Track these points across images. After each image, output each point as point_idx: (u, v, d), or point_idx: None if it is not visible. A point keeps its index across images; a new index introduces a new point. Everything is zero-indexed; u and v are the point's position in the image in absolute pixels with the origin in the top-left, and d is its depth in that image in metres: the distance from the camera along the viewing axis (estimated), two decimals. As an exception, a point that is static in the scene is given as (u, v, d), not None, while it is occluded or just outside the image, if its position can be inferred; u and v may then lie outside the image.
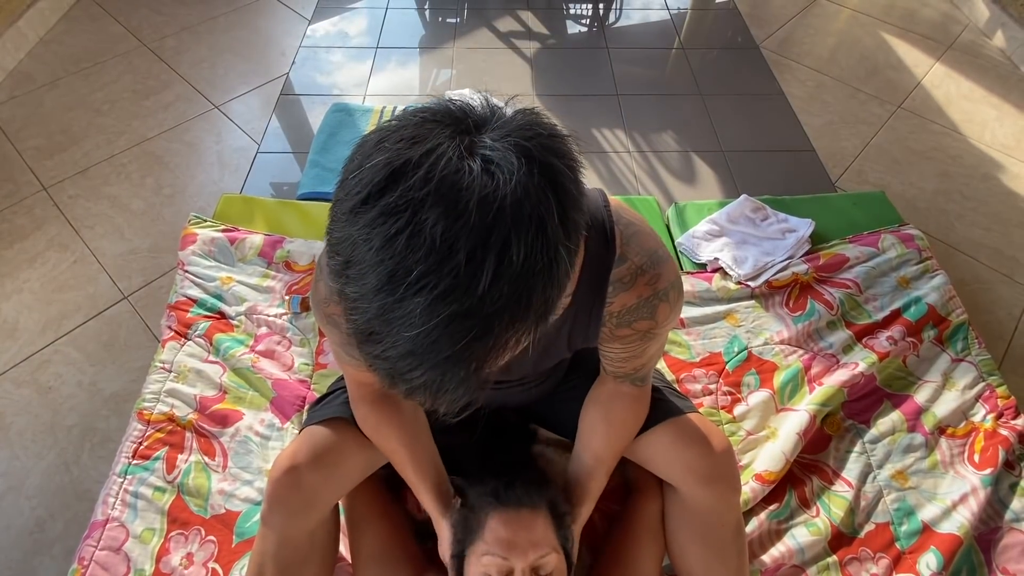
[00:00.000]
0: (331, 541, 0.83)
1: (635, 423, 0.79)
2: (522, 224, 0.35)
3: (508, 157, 0.36)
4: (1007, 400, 1.10)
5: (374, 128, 0.41)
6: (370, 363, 0.40)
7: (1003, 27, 2.12)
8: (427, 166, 0.35)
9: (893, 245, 1.33)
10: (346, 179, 0.38)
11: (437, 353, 0.36)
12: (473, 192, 0.34)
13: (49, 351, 1.24)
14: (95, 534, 0.92)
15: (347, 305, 0.38)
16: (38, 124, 1.72)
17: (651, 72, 2.02)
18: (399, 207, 0.34)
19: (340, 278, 0.38)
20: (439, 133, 0.37)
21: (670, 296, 0.64)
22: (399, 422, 0.77)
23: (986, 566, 0.94)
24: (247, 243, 1.31)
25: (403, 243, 0.34)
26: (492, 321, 0.36)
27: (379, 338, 0.37)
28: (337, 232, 0.38)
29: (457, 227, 0.34)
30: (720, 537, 0.80)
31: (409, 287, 0.34)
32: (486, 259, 0.34)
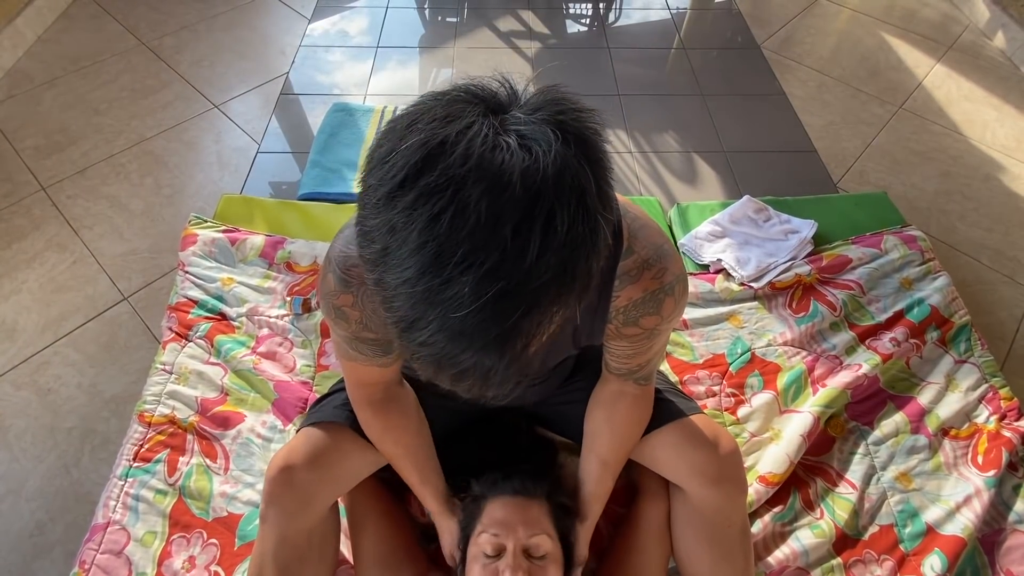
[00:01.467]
0: (330, 541, 0.82)
1: (639, 424, 0.78)
2: (563, 195, 0.35)
3: (543, 131, 0.36)
4: (1010, 402, 1.10)
5: (399, 114, 0.40)
6: (414, 352, 0.39)
7: (1004, 28, 2.12)
8: (465, 143, 0.34)
9: (895, 246, 1.33)
10: (376, 166, 0.38)
11: (487, 332, 0.35)
12: (514, 166, 0.34)
13: (48, 352, 1.23)
14: (96, 537, 0.92)
15: (387, 294, 0.37)
16: (36, 123, 1.71)
17: (652, 72, 2.02)
18: (440, 186, 0.34)
19: (378, 267, 0.38)
20: (470, 111, 0.36)
21: (675, 290, 0.63)
22: (403, 426, 0.77)
23: (990, 568, 0.94)
24: (248, 244, 1.30)
25: (447, 222, 0.34)
26: (539, 295, 0.35)
27: (424, 323, 0.36)
28: (372, 220, 0.37)
29: (502, 202, 0.34)
30: (727, 538, 0.80)
31: (456, 266, 0.34)
32: (532, 232, 0.34)
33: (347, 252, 0.60)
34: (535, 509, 0.76)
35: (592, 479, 0.78)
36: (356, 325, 0.64)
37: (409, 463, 0.78)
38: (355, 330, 0.64)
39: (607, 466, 0.78)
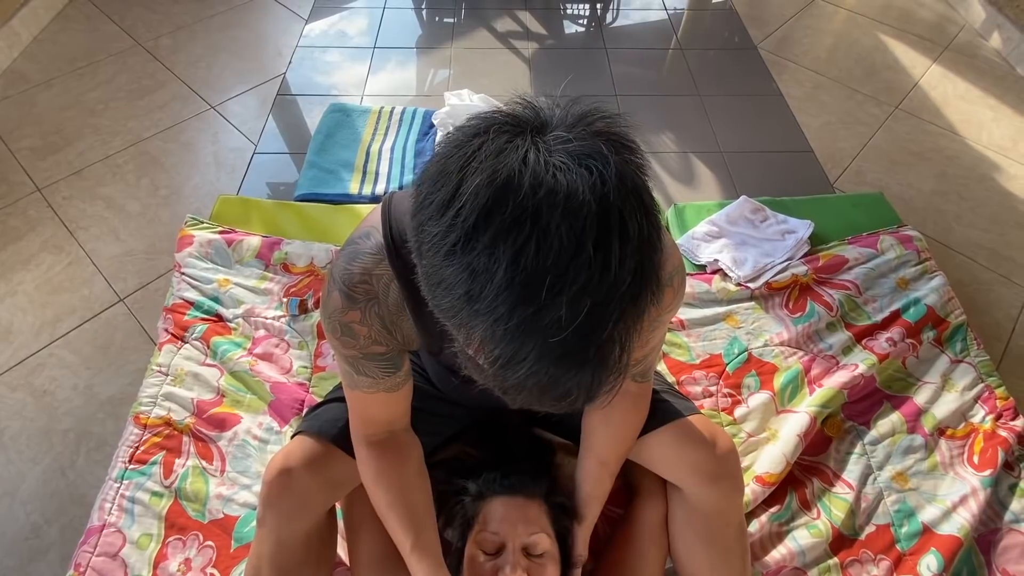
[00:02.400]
0: (328, 544, 0.82)
1: (636, 423, 0.78)
2: (628, 201, 0.37)
3: (592, 144, 0.37)
4: (1006, 401, 1.11)
5: (442, 153, 0.40)
6: (514, 386, 0.39)
7: (999, 28, 2.12)
8: (529, 173, 0.35)
9: (892, 246, 1.33)
10: (436, 214, 0.38)
11: (587, 349, 0.37)
12: (581, 184, 0.35)
13: (44, 354, 1.23)
14: (91, 540, 0.92)
15: (481, 336, 0.38)
16: (32, 124, 1.70)
17: (649, 72, 2.02)
18: (518, 219, 0.35)
19: (461, 312, 0.38)
20: (519, 142, 0.37)
21: (674, 281, 0.64)
22: (398, 474, 0.72)
23: (986, 567, 0.94)
24: (244, 245, 1.30)
25: (532, 253, 0.35)
26: (625, 301, 0.37)
27: (524, 355, 0.37)
28: (447, 269, 0.37)
29: (580, 221, 0.35)
30: (725, 538, 0.80)
31: (548, 292, 0.35)
32: (611, 243, 0.36)
33: (351, 270, 0.60)
34: (534, 508, 0.77)
35: (590, 479, 0.78)
36: (365, 340, 0.63)
37: (397, 515, 0.69)
38: (363, 345, 0.64)
39: (605, 466, 0.77)
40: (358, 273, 0.60)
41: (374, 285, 0.60)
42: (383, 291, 0.60)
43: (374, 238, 0.60)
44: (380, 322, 0.62)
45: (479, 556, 0.73)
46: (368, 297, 0.60)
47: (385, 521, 0.72)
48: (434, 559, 0.68)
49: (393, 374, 0.68)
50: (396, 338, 0.64)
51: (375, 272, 0.59)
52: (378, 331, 0.63)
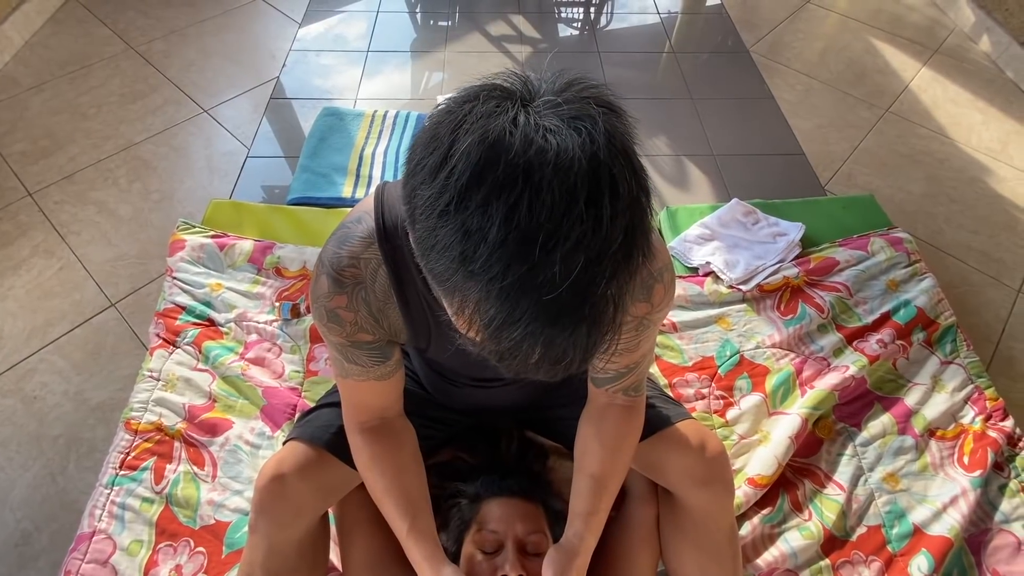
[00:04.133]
0: (320, 550, 0.82)
1: (630, 437, 0.74)
2: (617, 161, 0.37)
3: (582, 108, 0.38)
4: (995, 402, 1.11)
5: (433, 120, 0.41)
6: (510, 349, 0.39)
7: (988, 31, 2.14)
8: (520, 134, 0.36)
9: (882, 248, 1.34)
10: (428, 177, 0.38)
11: (581, 307, 0.37)
12: (571, 144, 0.36)
13: (34, 360, 1.22)
14: (81, 547, 0.91)
15: (476, 298, 0.38)
16: (23, 128, 1.69)
17: (642, 76, 2.03)
18: (510, 177, 0.35)
19: (455, 275, 0.38)
20: (508, 104, 0.38)
21: (664, 277, 0.64)
22: (392, 459, 0.71)
23: (976, 568, 0.95)
24: (236, 249, 1.30)
25: (525, 210, 0.35)
26: (618, 258, 0.37)
27: (519, 315, 0.37)
28: (440, 230, 0.38)
29: (571, 178, 0.35)
30: (715, 541, 0.80)
31: (542, 248, 0.35)
32: (602, 200, 0.36)
33: (340, 253, 0.60)
34: (532, 510, 0.78)
35: (581, 498, 0.70)
36: (351, 327, 0.63)
37: (393, 500, 0.69)
38: (349, 333, 0.64)
39: (600, 486, 0.69)
40: (347, 257, 0.60)
41: (362, 270, 0.60)
42: (371, 276, 0.61)
43: (365, 223, 0.60)
44: (367, 308, 0.62)
45: (477, 555, 0.73)
46: (355, 282, 0.60)
47: (381, 506, 0.71)
48: (432, 542, 0.68)
49: (382, 363, 0.67)
50: (383, 327, 0.64)
51: (363, 256, 0.60)
52: (364, 318, 0.63)
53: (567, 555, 0.65)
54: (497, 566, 0.70)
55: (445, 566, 0.66)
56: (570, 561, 0.65)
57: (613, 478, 0.71)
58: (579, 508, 0.69)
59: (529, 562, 0.72)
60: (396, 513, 0.69)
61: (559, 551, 0.66)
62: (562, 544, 0.67)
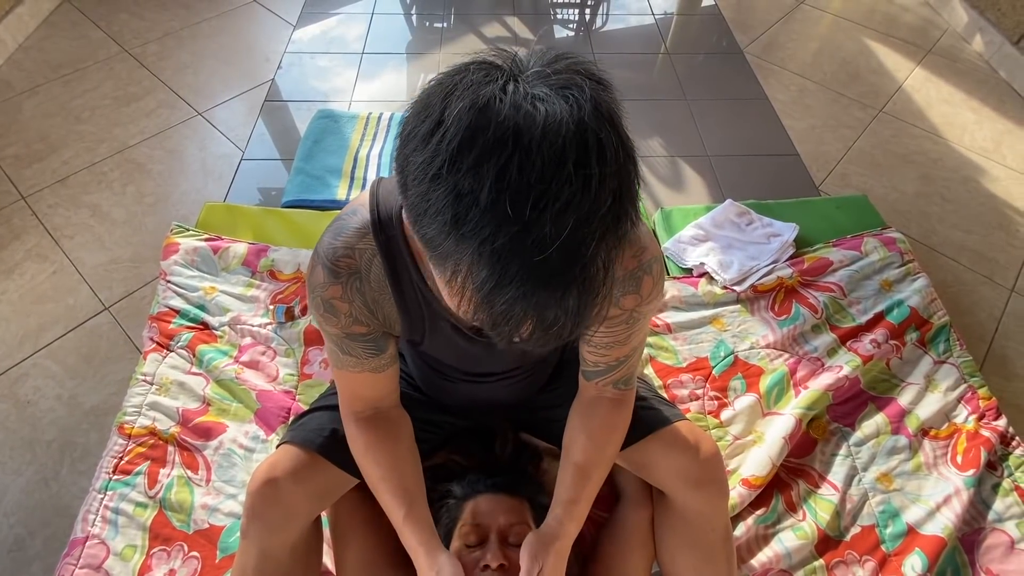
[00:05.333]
0: (313, 553, 0.82)
1: (617, 429, 0.75)
2: (604, 127, 0.38)
3: (570, 78, 0.39)
4: (988, 401, 1.12)
5: (424, 92, 0.42)
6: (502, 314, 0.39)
7: (981, 31, 2.15)
8: (509, 99, 0.37)
9: (876, 248, 1.34)
10: (421, 143, 0.39)
11: (571, 267, 0.38)
12: (559, 110, 0.37)
13: (27, 364, 1.22)
14: (75, 552, 0.91)
15: (469, 262, 0.38)
16: (17, 132, 1.69)
17: (637, 77, 2.03)
18: (500, 139, 0.36)
19: (448, 239, 0.39)
20: (497, 74, 0.39)
21: (653, 270, 0.64)
22: (388, 447, 0.72)
23: (970, 567, 0.95)
24: (231, 252, 1.30)
25: (515, 171, 0.36)
26: (607, 219, 0.38)
27: (511, 277, 0.37)
28: (433, 193, 0.38)
29: (559, 142, 0.36)
30: (710, 542, 0.80)
31: (533, 209, 0.36)
32: (590, 163, 0.37)
33: (335, 244, 0.61)
34: (517, 504, 0.79)
35: (564, 486, 0.71)
36: (346, 319, 0.64)
37: (390, 487, 0.69)
38: (345, 324, 0.64)
39: (584, 477, 0.71)
40: (342, 247, 0.61)
41: (357, 260, 0.61)
42: (365, 266, 0.61)
43: (360, 214, 0.61)
44: (361, 299, 0.63)
45: (463, 550, 0.74)
46: (350, 272, 0.61)
47: (377, 493, 0.72)
48: (427, 529, 0.68)
49: (377, 356, 0.68)
50: (378, 318, 0.65)
51: (358, 247, 0.61)
52: (359, 308, 0.63)
53: (544, 539, 0.66)
54: (480, 557, 0.71)
55: (440, 552, 0.67)
56: (547, 545, 0.66)
57: (597, 469, 0.72)
58: (562, 496, 0.70)
59: (512, 552, 0.72)
60: (392, 500, 0.69)
61: (537, 536, 0.67)
62: (541, 529, 0.68)
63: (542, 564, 0.64)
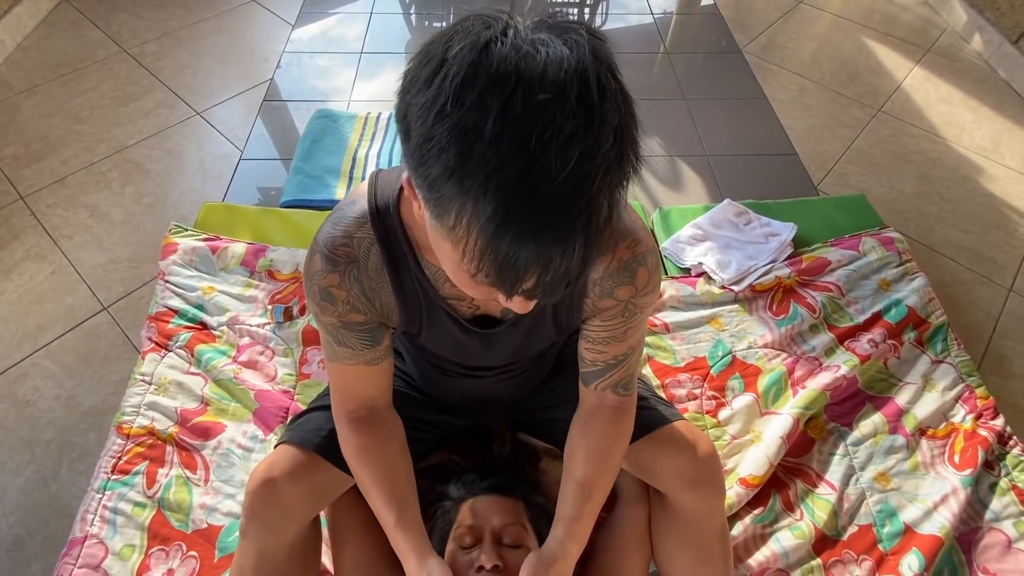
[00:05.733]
0: (312, 553, 0.82)
1: (617, 442, 0.73)
2: (602, 67, 0.39)
3: (567, 27, 0.40)
4: (986, 400, 1.12)
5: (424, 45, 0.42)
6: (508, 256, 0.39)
7: (980, 30, 2.15)
8: (510, 41, 0.38)
9: (874, 248, 1.34)
10: (423, 86, 0.40)
11: (577, 201, 0.38)
12: (560, 47, 0.38)
13: (26, 364, 1.22)
14: (73, 551, 0.91)
15: (474, 200, 0.38)
16: (15, 132, 1.69)
17: (636, 76, 2.03)
18: (504, 75, 0.37)
19: (450, 181, 0.38)
20: (496, 24, 0.40)
21: (648, 261, 0.64)
22: (381, 449, 0.72)
23: (967, 566, 0.95)
24: (229, 252, 1.30)
25: (519, 104, 0.36)
26: (609, 157, 0.39)
27: (519, 211, 0.38)
28: (437, 130, 0.38)
29: (561, 76, 0.37)
30: (706, 541, 0.81)
31: (538, 141, 0.36)
32: (591, 99, 0.37)
33: (334, 232, 0.62)
34: (512, 504, 0.78)
35: (566, 504, 0.69)
36: (343, 307, 0.64)
37: (381, 490, 0.69)
38: (341, 312, 0.65)
39: (585, 491, 0.69)
40: (340, 236, 0.61)
41: (355, 248, 0.62)
42: (363, 255, 0.62)
43: (359, 204, 0.62)
44: (359, 287, 0.63)
45: (458, 552, 0.74)
46: (348, 260, 0.62)
47: (368, 496, 0.71)
48: (419, 534, 0.68)
49: (372, 347, 0.68)
50: (375, 306, 0.65)
51: (357, 235, 0.61)
52: (356, 296, 0.64)
53: (545, 561, 0.66)
54: (475, 558, 0.71)
55: (431, 557, 0.66)
56: (548, 567, 0.65)
57: (599, 486, 0.71)
58: (563, 513, 0.69)
59: (507, 553, 0.72)
60: (383, 504, 0.69)
61: (538, 556, 0.66)
62: (542, 550, 0.67)
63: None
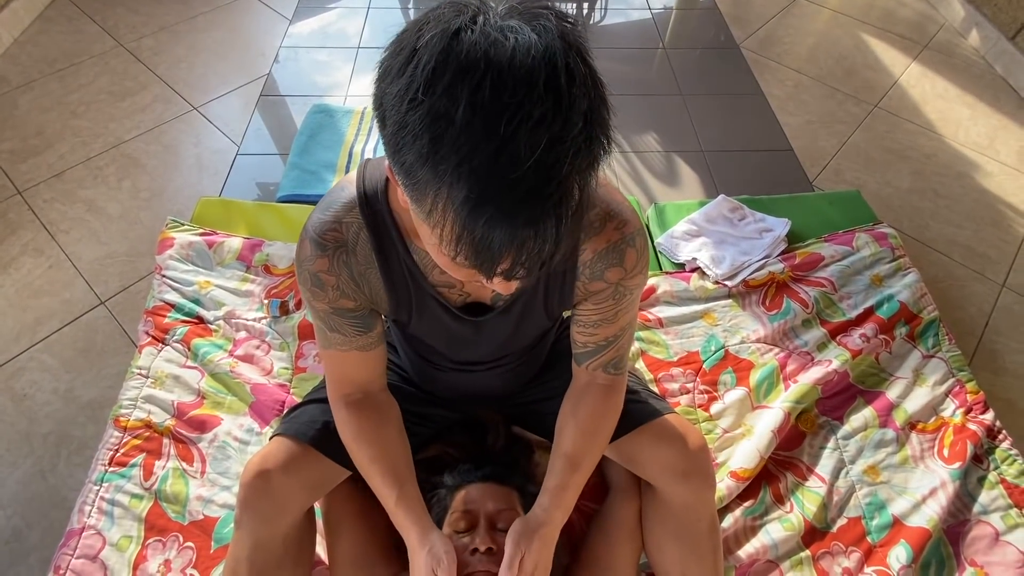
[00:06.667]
0: (306, 544, 0.83)
1: (606, 419, 0.75)
2: (571, 53, 0.40)
3: (536, 12, 0.41)
4: (976, 395, 1.13)
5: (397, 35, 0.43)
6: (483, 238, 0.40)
7: (977, 26, 2.15)
8: (479, 28, 0.39)
9: (867, 244, 1.35)
10: (396, 75, 0.41)
11: (548, 183, 0.39)
12: (529, 34, 0.39)
13: (24, 358, 1.23)
14: (71, 542, 0.92)
15: (449, 185, 0.39)
16: (12, 127, 1.69)
17: (634, 72, 2.03)
18: (473, 60, 0.38)
19: (424, 166, 0.40)
20: (466, 10, 0.40)
21: (636, 242, 0.65)
22: (378, 431, 0.73)
23: (955, 558, 0.96)
24: (225, 247, 1.30)
25: (488, 90, 0.37)
26: (579, 140, 0.40)
27: (491, 194, 0.39)
28: (410, 117, 0.39)
29: (529, 62, 0.38)
30: (695, 533, 0.81)
31: (507, 125, 0.37)
32: (559, 83, 0.38)
33: (323, 218, 0.63)
34: (505, 491, 0.80)
35: (553, 474, 0.72)
36: (333, 292, 0.65)
37: (380, 470, 0.70)
38: (332, 298, 0.66)
39: (572, 465, 0.72)
40: (329, 221, 0.63)
41: (344, 233, 0.63)
42: (352, 240, 0.63)
43: (348, 190, 0.63)
44: (348, 272, 0.64)
45: (453, 536, 0.75)
46: (337, 245, 0.63)
47: (367, 477, 0.72)
48: (419, 509, 0.70)
49: (364, 334, 0.69)
50: (364, 292, 0.67)
51: (345, 220, 0.63)
52: (346, 282, 0.65)
53: (530, 526, 0.68)
54: (470, 542, 0.73)
55: (432, 531, 0.68)
56: (532, 532, 0.67)
57: (586, 459, 0.73)
58: (550, 483, 0.71)
59: (500, 537, 0.74)
60: (383, 483, 0.70)
61: (523, 522, 0.68)
62: (527, 516, 0.69)
63: (525, 550, 0.65)
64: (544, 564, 0.67)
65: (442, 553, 0.66)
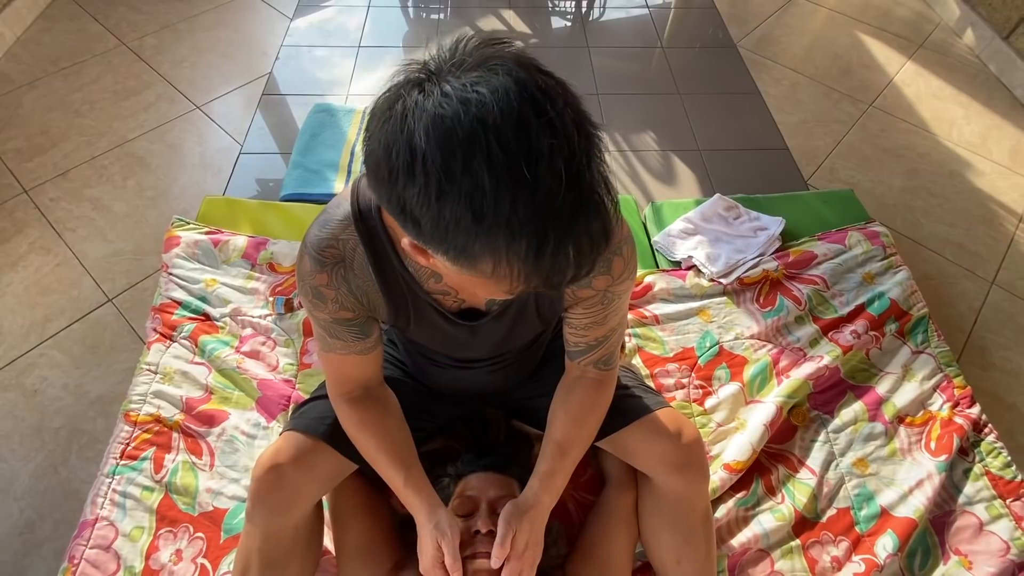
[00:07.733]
0: (315, 536, 0.86)
1: (595, 409, 0.78)
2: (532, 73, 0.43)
3: (482, 55, 0.44)
4: (963, 390, 1.16)
5: (376, 133, 0.45)
6: (552, 266, 0.44)
7: (972, 26, 2.17)
8: (455, 98, 0.41)
9: (859, 242, 1.38)
10: (408, 178, 0.43)
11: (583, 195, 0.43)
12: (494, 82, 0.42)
13: (34, 354, 1.25)
14: (85, 533, 0.95)
15: (506, 246, 0.43)
16: (17, 126, 1.71)
17: (631, 70, 2.05)
18: (469, 132, 0.40)
19: (477, 242, 0.43)
20: (429, 85, 0.43)
21: (623, 251, 0.68)
22: (381, 421, 0.77)
23: (940, 547, 1.00)
24: (231, 245, 1.33)
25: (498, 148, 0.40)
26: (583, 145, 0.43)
27: (545, 231, 0.42)
28: (445, 211, 0.42)
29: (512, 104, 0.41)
30: (690, 523, 0.85)
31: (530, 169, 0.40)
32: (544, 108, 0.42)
33: (320, 235, 0.65)
34: (506, 480, 0.83)
35: (543, 460, 0.75)
36: (333, 304, 0.68)
37: (387, 456, 0.75)
38: (332, 310, 0.69)
39: (561, 452, 0.75)
40: (327, 238, 0.65)
41: (341, 249, 0.65)
42: (349, 255, 0.66)
43: (343, 207, 0.66)
44: (347, 286, 0.67)
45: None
46: (335, 261, 0.66)
47: (375, 464, 0.76)
48: (427, 489, 0.74)
49: (363, 340, 0.73)
50: (363, 304, 0.69)
51: (342, 237, 0.65)
52: (345, 295, 0.68)
53: (520, 508, 0.71)
54: (471, 525, 0.76)
55: (439, 508, 0.73)
56: (523, 513, 0.70)
57: (576, 446, 0.77)
58: (540, 468, 0.75)
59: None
60: (391, 467, 0.74)
61: (514, 504, 0.72)
62: (518, 499, 0.73)
63: (517, 528, 0.69)
64: (534, 542, 0.70)
65: (446, 527, 0.70)
